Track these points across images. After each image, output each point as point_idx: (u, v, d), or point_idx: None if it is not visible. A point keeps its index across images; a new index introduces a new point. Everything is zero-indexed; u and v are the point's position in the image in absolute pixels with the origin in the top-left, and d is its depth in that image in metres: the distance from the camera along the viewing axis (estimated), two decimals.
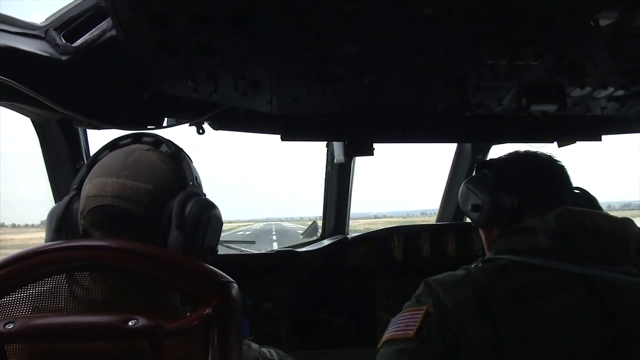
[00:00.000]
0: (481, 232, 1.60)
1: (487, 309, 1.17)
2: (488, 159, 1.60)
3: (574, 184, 1.51)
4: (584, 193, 1.53)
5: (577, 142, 2.26)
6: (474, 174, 1.64)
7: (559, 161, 1.50)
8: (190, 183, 1.22)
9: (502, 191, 1.45)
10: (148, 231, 1.12)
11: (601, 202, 1.52)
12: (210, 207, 1.20)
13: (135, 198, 1.11)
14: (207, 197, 1.24)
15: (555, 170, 1.48)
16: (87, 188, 1.15)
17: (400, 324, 1.26)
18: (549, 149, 2.24)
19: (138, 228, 1.11)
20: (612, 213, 1.48)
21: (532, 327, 1.14)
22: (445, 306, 1.21)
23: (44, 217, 1.25)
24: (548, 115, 1.97)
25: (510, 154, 1.57)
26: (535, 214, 1.34)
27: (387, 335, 1.28)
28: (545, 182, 1.45)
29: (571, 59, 1.60)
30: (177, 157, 1.25)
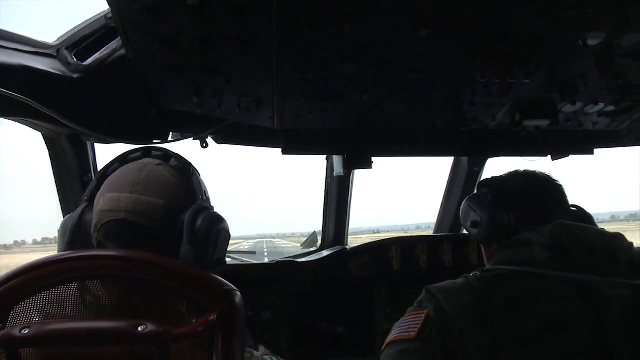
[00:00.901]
0: (482, 247, 1.65)
1: (485, 315, 1.23)
2: (489, 177, 1.64)
3: (573, 199, 1.56)
4: (580, 211, 1.58)
5: (571, 156, 2.31)
6: (475, 191, 1.68)
7: (556, 180, 1.55)
8: (200, 197, 1.26)
9: (500, 209, 1.51)
10: (161, 244, 1.16)
11: (605, 213, 1.55)
12: (220, 220, 1.24)
13: (148, 213, 1.16)
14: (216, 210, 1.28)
15: (552, 190, 1.53)
16: (101, 202, 1.18)
17: (403, 327, 1.31)
18: (542, 162, 2.30)
19: (151, 241, 1.15)
20: (618, 223, 1.51)
21: (527, 332, 1.19)
22: (445, 311, 1.26)
23: (19, 237, 1.27)
24: (541, 129, 2.03)
25: (509, 173, 1.62)
26: (531, 230, 1.39)
27: (390, 337, 1.34)
28: (541, 200, 1.50)
29: (562, 77, 1.66)
30: (187, 172, 1.29)
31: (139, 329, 0.94)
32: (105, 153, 2.15)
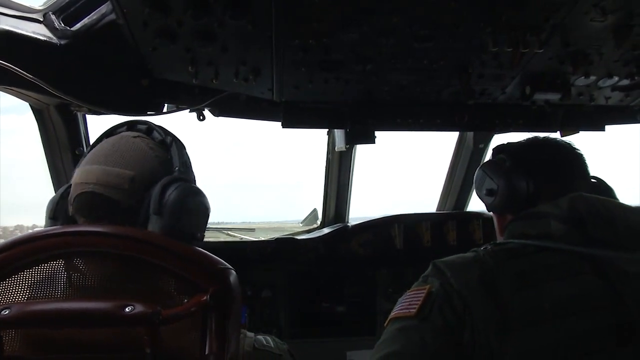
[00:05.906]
0: (494, 217, 1.59)
1: (494, 291, 1.17)
2: (506, 143, 1.57)
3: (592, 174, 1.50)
4: (600, 182, 1.51)
5: (581, 132, 2.24)
6: (489, 157, 1.61)
7: (577, 149, 1.48)
8: (176, 169, 1.21)
9: (519, 176, 1.43)
10: (129, 217, 1.12)
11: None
12: (193, 192, 1.18)
13: (115, 184, 1.12)
14: (197, 183, 1.25)
15: (573, 158, 1.47)
16: (75, 175, 1.16)
17: (405, 303, 1.27)
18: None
19: (119, 214, 1.11)
20: None
21: (539, 310, 1.14)
22: (451, 286, 1.20)
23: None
24: (551, 104, 1.96)
25: (529, 139, 1.55)
26: (549, 200, 1.33)
27: (392, 313, 1.29)
28: (563, 169, 1.44)
29: (576, 47, 1.58)
30: (165, 143, 1.25)
31: (127, 309, 0.89)
32: (98, 126, 2.07)
